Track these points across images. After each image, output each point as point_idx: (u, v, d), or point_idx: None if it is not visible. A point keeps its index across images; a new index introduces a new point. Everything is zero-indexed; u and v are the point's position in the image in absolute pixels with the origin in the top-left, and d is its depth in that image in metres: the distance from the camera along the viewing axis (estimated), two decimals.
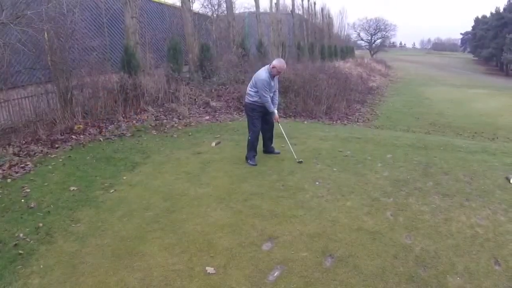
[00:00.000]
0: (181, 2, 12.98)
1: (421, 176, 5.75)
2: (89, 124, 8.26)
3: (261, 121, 6.37)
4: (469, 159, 6.66)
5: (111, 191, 5.24)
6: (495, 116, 16.53)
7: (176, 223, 4.32)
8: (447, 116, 16.14)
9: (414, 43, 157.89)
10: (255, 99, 6.18)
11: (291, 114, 12.27)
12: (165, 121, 9.36)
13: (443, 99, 22.08)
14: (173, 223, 4.33)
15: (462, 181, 5.58)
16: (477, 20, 74.21)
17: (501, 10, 58.53)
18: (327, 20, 33.20)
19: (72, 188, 5.26)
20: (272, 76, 6.11)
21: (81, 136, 7.64)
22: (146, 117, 9.30)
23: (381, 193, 5.13)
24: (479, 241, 4.00)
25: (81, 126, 7.95)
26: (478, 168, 6.14)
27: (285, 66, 6.19)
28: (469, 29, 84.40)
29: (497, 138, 11.75)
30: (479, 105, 19.98)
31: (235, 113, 10.89)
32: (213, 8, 16.75)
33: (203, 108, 10.90)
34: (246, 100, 6.36)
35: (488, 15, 66.51)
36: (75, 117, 8.18)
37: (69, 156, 6.56)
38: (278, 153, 6.80)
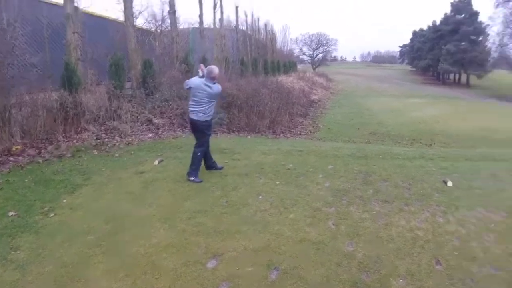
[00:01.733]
0: (125, 18, 12.83)
1: (361, 185, 6.10)
2: (28, 144, 8.01)
3: None
4: (408, 166, 7.12)
5: (51, 215, 5.16)
6: (432, 123, 17.59)
7: (119, 246, 4.36)
8: (387, 125, 16.96)
9: (354, 57, 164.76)
10: (211, 117, 6.32)
11: (234, 129, 12.51)
12: (106, 140, 9.25)
13: (384, 109, 23.19)
14: (116, 246, 4.36)
15: (401, 186, 5.99)
16: (414, 33, 79.35)
17: (438, 23, 62.55)
18: (271, 35, 33.87)
19: (10, 214, 5.13)
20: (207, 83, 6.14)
21: (20, 157, 7.42)
22: (86, 136, 9.15)
23: (323, 203, 5.39)
24: (419, 243, 4.32)
25: (19, 147, 7.71)
26: (416, 174, 6.59)
27: (215, 70, 6.19)
28: (407, 42, 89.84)
29: (434, 143, 12.58)
30: (417, 113, 21.23)
31: (179, 129, 10.95)
32: (157, 24, 16.68)
33: (146, 125, 10.85)
34: (202, 118, 6.25)
35: (425, 28, 70.93)
36: (13, 138, 7.91)
37: (7, 180, 6.36)
38: (221, 168, 6.96)
